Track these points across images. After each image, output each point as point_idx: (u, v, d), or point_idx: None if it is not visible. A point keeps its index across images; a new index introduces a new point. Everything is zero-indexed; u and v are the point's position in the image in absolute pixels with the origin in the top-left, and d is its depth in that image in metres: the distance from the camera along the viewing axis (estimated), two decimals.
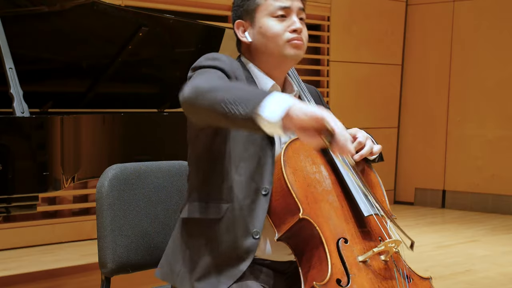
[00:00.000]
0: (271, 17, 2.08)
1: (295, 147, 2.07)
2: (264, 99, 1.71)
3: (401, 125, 8.40)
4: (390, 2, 8.15)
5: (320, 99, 2.30)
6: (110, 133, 3.63)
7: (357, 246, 2.00)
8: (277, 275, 2.10)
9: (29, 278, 4.74)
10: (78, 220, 5.93)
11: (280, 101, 1.71)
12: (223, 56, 2.07)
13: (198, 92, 1.83)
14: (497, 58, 7.68)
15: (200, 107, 1.84)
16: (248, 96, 1.75)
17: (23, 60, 3.44)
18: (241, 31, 2.14)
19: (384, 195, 2.20)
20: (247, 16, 2.12)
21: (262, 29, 2.09)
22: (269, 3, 2.08)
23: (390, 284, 1.98)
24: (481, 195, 7.82)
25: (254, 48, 2.12)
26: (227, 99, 1.75)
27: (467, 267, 5.17)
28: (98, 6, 3.78)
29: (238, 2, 2.15)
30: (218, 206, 2.03)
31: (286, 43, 2.08)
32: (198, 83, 1.87)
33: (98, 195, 2.21)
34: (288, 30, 2.08)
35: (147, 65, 4.47)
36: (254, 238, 2.00)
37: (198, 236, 2.06)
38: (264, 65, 2.13)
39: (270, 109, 1.70)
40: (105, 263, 2.19)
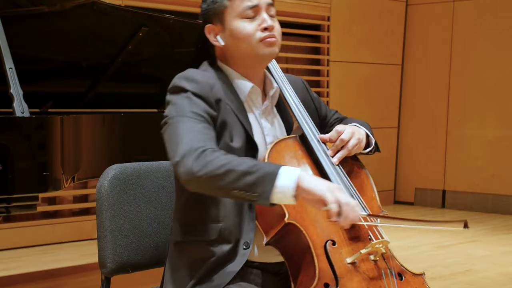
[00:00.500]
0: (241, 18, 2.05)
1: (280, 148, 2.05)
2: (271, 191, 1.81)
3: (401, 125, 8.40)
4: (390, 2, 8.15)
5: (307, 90, 2.27)
6: (110, 133, 3.63)
7: (345, 248, 1.98)
8: (269, 276, 2.09)
9: (29, 278, 4.74)
10: (78, 220, 5.93)
11: (289, 180, 1.81)
12: (198, 75, 2.03)
13: (198, 179, 1.84)
14: (497, 58, 7.68)
15: (207, 191, 1.90)
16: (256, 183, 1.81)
17: (23, 60, 3.44)
18: (213, 36, 2.11)
19: (374, 191, 2.19)
20: (216, 20, 2.09)
21: (233, 32, 2.06)
22: (236, 4, 2.05)
23: (379, 284, 1.96)
24: (481, 195, 7.82)
25: (228, 51, 2.10)
26: (236, 188, 1.82)
27: (467, 267, 5.17)
28: (98, 6, 3.78)
29: (205, 6, 2.11)
30: (210, 227, 2.03)
31: (259, 42, 2.05)
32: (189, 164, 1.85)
33: (98, 195, 2.21)
34: (259, 29, 2.05)
35: (147, 65, 4.47)
36: (245, 249, 2.01)
37: (190, 256, 2.06)
38: (241, 67, 2.10)
39: (281, 191, 1.82)
40: (105, 263, 2.19)
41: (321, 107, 2.30)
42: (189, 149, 1.86)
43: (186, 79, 2.02)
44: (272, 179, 1.80)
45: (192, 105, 1.97)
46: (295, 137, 2.13)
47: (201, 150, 1.85)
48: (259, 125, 2.12)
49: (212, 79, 2.05)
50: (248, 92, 2.09)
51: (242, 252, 2.01)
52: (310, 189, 1.82)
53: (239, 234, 2.01)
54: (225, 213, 2.02)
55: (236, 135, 2.03)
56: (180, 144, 1.89)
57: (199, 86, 2.00)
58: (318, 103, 2.30)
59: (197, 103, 1.97)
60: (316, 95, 2.32)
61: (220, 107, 2.02)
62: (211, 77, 2.06)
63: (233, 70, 2.11)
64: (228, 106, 2.04)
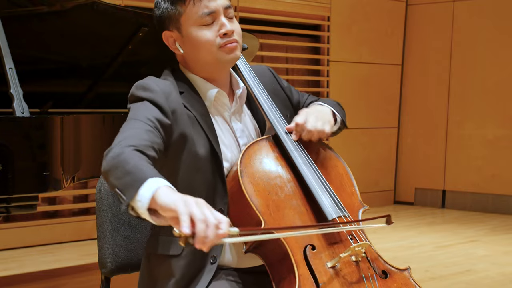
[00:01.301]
0: (198, 26, 1.99)
1: (252, 152, 2.00)
2: (134, 197, 1.64)
3: (401, 125, 8.40)
4: (390, 2, 8.15)
5: (275, 79, 2.22)
6: (110, 133, 3.62)
7: (326, 251, 1.94)
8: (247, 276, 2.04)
9: (29, 278, 4.74)
10: (78, 220, 5.93)
11: (145, 193, 1.63)
12: (153, 84, 1.99)
13: (102, 172, 1.78)
14: (497, 58, 7.68)
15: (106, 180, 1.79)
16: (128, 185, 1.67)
17: (23, 60, 3.44)
18: (171, 43, 2.05)
19: (354, 186, 2.12)
20: (173, 26, 2.03)
21: (191, 40, 2.00)
22: (192, 11, 1.98)
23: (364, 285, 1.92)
24: (481, 195, 7.82)
25: (189, 58, 2.05)
26: (116, 186, 1.71)
27: (467, 267, 5.17)
28: (98, 6, 3.78)
29: (159, 12, 2.04)
30: (175, 240, 1.93)
31: (219, 49, 1.99)
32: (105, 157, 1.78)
33: (98, 195, 2.21)
34: (218, 35, 1.99)
35: (147, 65, 4.46)
36: (212, 263, 1.97)
37: (159, 270, 2.02)
38: (203, 72, 2.05)
39: (139, 206, 1.64)
40: (105, 263, 2.19)
41: (292, 94, 2.24)
42: (116, 142, 1.81)
43: (142, 88, 1.98)
44: (138, 186, 1.65)
45: (146, 110, 1.92)
46: (268, 138, 2.07)
47: (123, 145, 1.78)
48: (230, 127, 2.08)
49: (169, 88, 2.00)
50: (214, 97, 2.04)
51: (209, 268, 1.97)
52: (164, 203, 1.60)
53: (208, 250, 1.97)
54: None
55: (199, 144, 1.97)
56: (116, 139, 1.85)
57: (154, 95, 1.95)
58: (289, 91, 2.24)
59: (151, 110, 1.93)
60: (286, 83, 2.26)
61: (177, 117, 1.96)
62: (168, 85, 2.01)
63: (196, 75, 2.06)
64: (190, 114, 1.98)
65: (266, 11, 7.12)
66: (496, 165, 7.70)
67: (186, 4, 1.98)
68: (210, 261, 1.97)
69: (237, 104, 2.10)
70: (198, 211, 1.56)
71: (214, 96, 2.04)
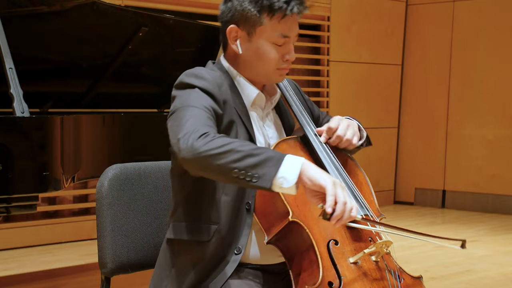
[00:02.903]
0: (271, 42, 2.03)
1: (282, 148, 2.05)
2: (275, 174, 1.77)
3: (401, 125, 8.40)
4: (390, 2, 8.15)
5: (300, 93, 2.27)
6: (110, 133, 3.63)
7: (348, 247, 1.99)
8: (271, 277, 2.09)
9: (29, 278, 4.74)
10: (78, 220, 5.93)
11: (292, 167, 1.78)
12: (205, 73, 2.01)
13: (198, 155, 1.79)
14: (497, 58, 7.68)
15: (204, 172, 1.85)
16: (262, 163, 1.77)
17: (23, 60, 3.44)
18: (233, 38, 2.07)
19: (372, 194, 2.19)
20: (244, 27, 2.05)
21: (259, 50, 2.04)
22: (273, 28, 2.02)
23: (381, 284, 1.97)
24: (481, 195, 7.82)
25: (243, 60, 2.08)
26: (236, 167, 1.77)
27: (467, 267, 5.17)
28: (98, 6, 3.78)
29: (238, 8, 2.05)
30: (206, 227, 2.01)
31: (276, 70, 2.06)
32: (192, 141, 1.81)
33: (98, 195, 2.21)
34: (282, 59, 2.06)
35: (147, 65, 4.47)
36: (236, 254, 2.00)
37: (183, 256, 2.05)
38: (248, 75, 2.10)
39: (284, 176, 1.77)
40: (105, 263, 2.19)
41: (314, 108, 2.31)
42: (193, 129, 1.83)
43: (194, 76, 2.00)
44: (277, 163, 1.77)
45: (199, 98, 1.95)
46: (297, 138, 2.13)
47: (203, 131, 1.82)
48: (262, 128, 2.13)
49: (220, 78, 2.05)
50: (253, 99, 2.10)
51: (233, 258, 2.00)
52: (314, 177, 1.79)
53: (232, 239, 2.01)
54: (220, 215, 2.01)
55: (240, 136, 2.02)
56: (183, 126, 1.86)
57: (207, 83, 1.98)
58: (310, 104, 2.31)
59: (205, 98, 1.96)
60: (307, 97, 2.33)
61: (226, 108, 2.01)
62: (218, 76, 2.05)
63: (240, 74, 2.10)
64: (234, 108, 2.04)
65: None
66: (496, 165, 7.70)
67: (272, 19, 2.02)
68: (234, 252, 2.00)
69: (270, 106, 2.16)
70: (341, 194, 1.80)
71: (254, 98, 2.09)
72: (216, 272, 2.01)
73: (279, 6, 1.99)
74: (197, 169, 1.85)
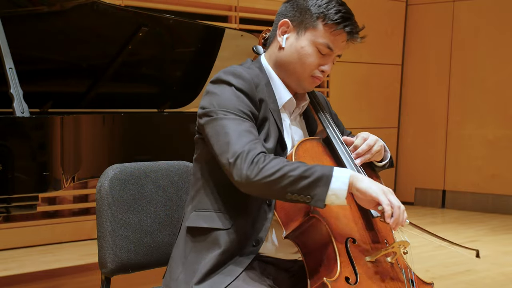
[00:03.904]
0: (315, 46, 2.07)
1: (305, 148, 2.09)
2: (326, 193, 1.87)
3: (401, 125, 8.40)
4: (390, 2, 8.15)
5: (327, 106, 2.32)
6: (110, 133, 3.63)
7: (365, 246, 2.01)
8: (281, 272, 2.11)
9: (29, 278, 4.74)
10: (78, 220, 5.93)
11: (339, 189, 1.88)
12: (244, 72, 2.05)
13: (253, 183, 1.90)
14: (497, 58, 7.68)
15: (259, 195, 1.95)
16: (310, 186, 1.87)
17: (23, 60, 3.44)
18: (282, 31, 2.11)
19: None
20: (297, 25, 2.09)
21: (302, 50, 2.08)
22: (323, 35, 2.07)
23: (397, 285, 1.98)
24: (481, 195, 7.82)
25: (281, 55, 2.12)
26: (290, 191, 1.88)
27: (467, 267, 5.17)
28: (98, 6, 3.78)
29: (300, 6, 2.10)
30: (226, 217, 2.05)
31: (310, 76, 2.11)
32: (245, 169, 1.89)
33: (98, 195, 2.21)
34: (319, 68, 2.10)
35: (147, 65, 4.47)
36: (254, 246, 2.03)
37: (201, 243, 2.07)
38: (281, 74, 2.14)
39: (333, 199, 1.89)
40: (105, 263, 2.19)
41: (339, 123, 2.35)
42: (242, 152, 1.91)
43: (233, 75, 2.03)
44: (326, 182, 1.87)
45: (237, 101, 1.99)
46: (319, 139, 2.17)
47: (253, 154, 1.90)
48: (290, 131, 2.16)
49: (258, 78, 2.08)
50: (285, 102, 2.13)
51: (251, 249, 2.03)
52: (364, 190, 1.90)
53: (251, 231, 2.03)
54: (241, 206, 2.03)
55: (271, 136, 2.06)
56: (231, 144, 1.93)
57: (245, 83, 2.02)
58: (336, 119, 2.35)
59: (242, 100, 2.00)
60: (334, 112, 2.37)
61: (262, 106, 2.05)
62: (256, 76, 2.08)
63: (276, 74, 2.13)
64: (269, 107, 2.07)
65: (266, 11, 7.11)
66: (496, 165, 7.70)
67: (325, 27, 2.07)
68: (252, 243, 2.03)
69: (298, 111, 2.20)
70: (394, 200, 1.93)
71: (286, 101, 2.13)
72: (232, 262, 2.03)
73: (336, 19, 2.07)
74: (252, 192, 1.95)
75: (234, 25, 6.75)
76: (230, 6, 6.85)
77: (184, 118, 4.09)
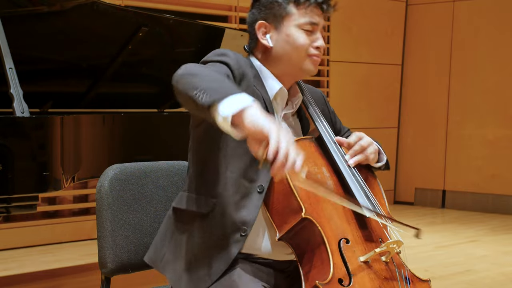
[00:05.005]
0: (299, 29, 2.08)
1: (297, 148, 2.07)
2: (228, 94, 1.70)
3: (401, 125, 8.40)
4: (390, 2, 8.15)
5: (325, 104, 2.31)
6: (110, 133, 3.63)
7: (359, 246, 2.00)
8: (277, 273, 2.10)
9: (29, 278, 4.75)
10: (78, 220, 5.93)
11: (239, 101, 1.69)
12: (231, 53, 2.06)
13: (183, 74, 1.83)
14: (497, 58, 7.68)
15: (178, 88, 1.83)
16: (218, 88, 1.74)
17: (23, 60, 3.44)
18: (262, 33, 2.12)
19: (384, 199, 2.20)
20: (272, 20, 2.10)
21: (289, 38, 2.09)
22: (300, 15, 2.08)
23: (391, 284, 1.98)
24: (481, 195, 7.82)
25: (273, 53, 2.12)
26: (200, 86, 1.75)
27: (467, 267, 5.18)
28: (98, 6, 3.78)
29: (265, 3, 2.11)
30: (207, 200, 2.04)
31: (307, 56, 2.10)
32: (189, 66, 1.87)
33: (98, 195, 2.21)
34: (312, 46, 2.10)
35: (147, 65, 4.47)
36: (241, 235, 2.00)
37: (185, 226, 2.07)
38: (278, 70, 2.13)
39: (227, 104, 1.69)
40: (105, 263, 2.19)
41: (336, 121, 2.34)
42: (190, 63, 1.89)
43: (220, 54, 2.05)
44: (233, 90, 1.73)
45: (219, 67, 1.99)
46: (311, 139, 2.15)
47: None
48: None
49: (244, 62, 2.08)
50: (276, 92, 2.11)
51: (237, 238, 2.00)
52: (255, 118, 1.67)
53: (235, 217, 2.01)
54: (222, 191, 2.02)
55: None
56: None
57: (228, 59, 2.02)
58: (334, 117, 2.33)
59: (223, 68, 2.00)
60: (333, 110, 2.35)
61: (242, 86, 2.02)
62: (243, 61, 2.09)
63: (267, 69, 2.13)
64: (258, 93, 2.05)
65: None
66: (496, 165, 7.70)
67: (298, 8, 2.08)
68: (240, 233, 2.01)
69: (291, 108, 2.18)
70: (284, 144, 1.64)
71: (277, 91, 2.11)
72: (219, 249, 2.01)
73: None
74: (174, 84, 1.84)
75: (234, 25, 6.75)
76: (230, 6, 6.85)
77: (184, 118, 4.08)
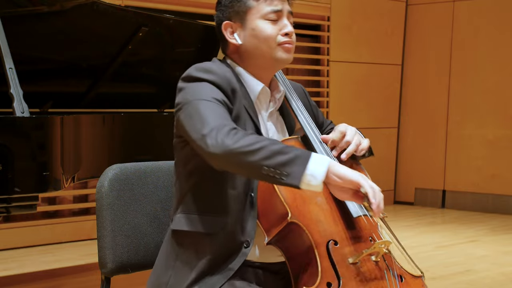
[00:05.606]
0: (264, 20, 2.08)
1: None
2: (305, 164, 1.80)
3: (401, 125, 8.40)
4: (390, 2, 8.15)
5: (306, 97, 2.29)
6: (110, 133, 3.63)
7: (347, 248, 1.99)
8: (271, 276, 2.09)
9: (29, 278, 4.74)
10: (78, 220, 5.93)
11: (318, 163, 1.81)
12: (214, 66, 2.04)
13: (229, 152, 1.82)
14: (497, 58, 7.68)
15: (233, 167, 1.87)
16: (287, 163, 1.80)
17: (23, 60, 3.44)
18: (229, 33, 2.11)
19: None
20: (236, 18, 2.10)
21: (255, 31, 2.08)
22: (261, 7, 2.08)
23: (381, 285, 1.97)
24: (481, 195, 7.82)
25: (244, 50, 2.10)
26: (266, 165, 1.80)
27: (467, 267, 5.17)
28: (98, 6, 3.78)
29: (226, 3, 2.12)
30: (211, 219, 2.02)
31: (278, 46, 2.08)
32: (221, 137, 1.83)
33: (98, 195, 2.21)
34: (280, 33, 2.08)
35: (147, 65, 4.47)
36: (245, 248, 2.01)
37: (188, 248, 2.05)
38: (253, 67, 2.12)
39: (311, 173, 1.80)
40: (105, 263, 2.19)
41: (319, 115, 2.33)
42: (219, 125, 1.86)
43: (203, 70, 2.02)
44: (305, 161, 1.81)
45: (210, 91, 1.97)
46: (297, 138, 2.14)
47: (231, 127, 1.86)
48: (265, 127, 2.14)
49: (229, 73, 2.07)
50: (258, 93, 2.11)
51: (243, 251, 2.01)
52: (343, 174, 1.84)
53: (239, 232, 2.01)
54: (227, 208, 2.01)
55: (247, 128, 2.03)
56: (207, 120, 1.88)
57: (216, 77, 2.00)
58: (316, 110, 2.32)
59: (215, 91, 1.98)
60: (314, 103, 2.34)
61: (236, 101, 2.03)
62: (228, 70, 2.07)
63: (244, 69, 2.12)
64: (242, 102, 2.05)
65: None
66: (496, 165, 7.70)
67: (258, 0, 2.09)
68: (244, 245, 2.01)
69: (274, 105, 2.17)
70: (375, 185, 1.87)
71: (259, 91, 2.11)
72: (224, 265, 2.01)
73: None
74: (226, 165, 1.87)
75: None
76: None
77: None
